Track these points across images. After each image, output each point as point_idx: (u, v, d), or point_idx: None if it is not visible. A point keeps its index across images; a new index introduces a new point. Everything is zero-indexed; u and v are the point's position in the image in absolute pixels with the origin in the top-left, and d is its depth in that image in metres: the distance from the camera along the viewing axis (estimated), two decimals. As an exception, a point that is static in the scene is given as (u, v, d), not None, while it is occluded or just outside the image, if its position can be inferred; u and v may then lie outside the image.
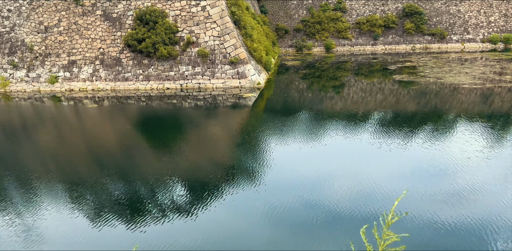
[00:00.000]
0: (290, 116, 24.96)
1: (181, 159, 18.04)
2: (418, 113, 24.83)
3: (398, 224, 11.44)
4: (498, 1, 55.72)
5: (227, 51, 34.27)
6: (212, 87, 34.33)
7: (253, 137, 20.82)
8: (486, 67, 38.80)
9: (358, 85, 35.26)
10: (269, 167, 16.21)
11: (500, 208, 12.06)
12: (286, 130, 21.47)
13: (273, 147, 18.63)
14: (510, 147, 17.43)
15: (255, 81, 33.56)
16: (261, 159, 17.29)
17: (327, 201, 12.97)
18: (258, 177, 15.28)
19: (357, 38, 58.82)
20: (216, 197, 13.73)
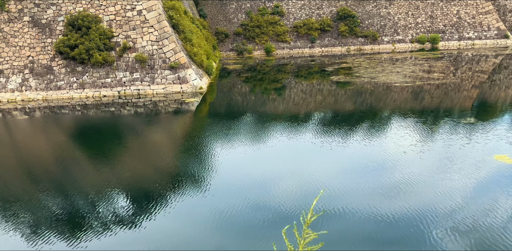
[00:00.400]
0: (234, 120, 24.94)
1: (122, 170, 17.36)
2: (355, 112, 25.83)
3: (342, 220, 11.76)
4: (423, 3, 59.63)
5: (166, 56, 33.62)
6: (152, 93, 33.48)
7: (198, 142, 20.54)
8: (416, 66, 41.29)
9: (298, 87, 36.05)
10: (215, 172, 16.04)
11: (436, 198, 12.78)
12: (230, 134, 21.41)
13: (218, 152, 18.48)
14: (441, 140, 18.61)
15: (197, 86, 33.21)
16: (207, 164, 17.07)
17: (273, 202, 13.04)
18: (204, 183, 15.05)
19: (295, 41, 60.25)
20: (162, 206, 13.33)
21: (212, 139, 21.01)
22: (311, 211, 3.84)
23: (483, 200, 12.49)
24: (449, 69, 39.67)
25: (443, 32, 58.54)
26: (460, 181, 13.88)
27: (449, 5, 59.16)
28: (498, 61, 43.96)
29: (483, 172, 14.58)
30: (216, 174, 15.85)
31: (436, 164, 15.64)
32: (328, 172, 15.39)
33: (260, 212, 12.44)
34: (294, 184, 14.42)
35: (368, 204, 12.55)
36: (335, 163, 16.39)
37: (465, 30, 58.14)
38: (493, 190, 13.19)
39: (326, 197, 13.19)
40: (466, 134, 19.22)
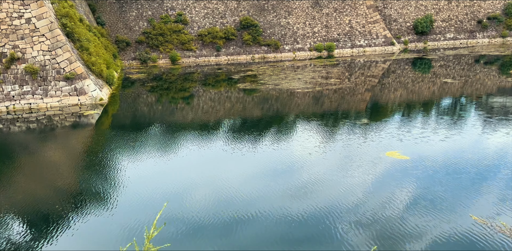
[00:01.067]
0: (140, 131, 23.97)
1: (14, 192, 15.60)
2: (263, 118, 26.51)
3: (255, 223, 11.88)
4: (319, 14, 63.72)
5: (60, 66, 31.23)
6: (46, 106, 30.81)
7: (101, 158, 19.31)
8: (315, 73, 43.79)
9: (206, 95, 35.99)
10: (122, 188, 15.20)
11: (340, 195, 13.54)
12: (137, 146, 20.51)
13: (125, 166, 17.56)
14: (341, 140, 19.86)
15: (96, 97, 31.33)
16: (112, 180, 16.11)
17: (188, 213, 12.73)
18: (110, 200, 14.17)
19: (201, 49, 60.24)
20: (64, 229, 12.22)
21: (117, 153, 19.92)
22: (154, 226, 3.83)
23: (381, 194, 13.54)
24: (345, 75, 42.77)
25: (337, 41, 63.06)
26: (359, 178, 14.91)
27: (342, 15, 64.01)
28: (387, 66, 48.54)
29: (378, 168, 15.85)
30: (124, 189, 15.02)
31: (337, 163, 16.63)
32: (240, 178, 15.49)
33: (175, 224, 12.04)
34: (207, 193, 14.24)
35: (280, 206, 12.86)
36: (247, 169, 16.56)
37: (356, 38, 63.29)
38: (387, 183, 14.38)
39: (239, 202, 13.23)
40: (362, 133, 20.79)
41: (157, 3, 61.13)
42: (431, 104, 28.66)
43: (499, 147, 17.91)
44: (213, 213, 12.65)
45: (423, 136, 19.72)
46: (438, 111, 26.40)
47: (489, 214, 11.78)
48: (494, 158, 16.42)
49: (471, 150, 17.62)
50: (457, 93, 31.94)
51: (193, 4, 61.85)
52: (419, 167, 15.65)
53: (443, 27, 67.76)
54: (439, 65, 46.04)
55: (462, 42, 66.67)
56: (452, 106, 27.83)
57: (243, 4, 62.55)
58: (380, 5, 67.20)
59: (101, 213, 13.11)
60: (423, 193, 13.45)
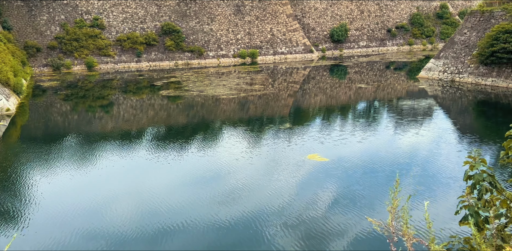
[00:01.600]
0: (54, 143, 22.20)
1: None
2: (188, 125, 26.03)
3: (183, 233, 11.48)
4: (242, 21, 64.57)
5: (-42, 74, 28.02)
6: None
7: (10, 173, 17.52)
8: (239, 79, 44.17)
9: (128, 103, 34.54)
10: (33, 204, 13.89)
11: (267, 199, 13.62)
12: (51, 159, 18.95)
13: (37, 181, 16.11)
14: (266, 145, 20.11)
15: (2, 108, 28.54)
16: (23, 197, 14.68)
17: (108, 229, 11.94)
18: (22, 219, 12.86)
19: (120, 55, 57.88)
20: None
21: (28, 167, 18.22)
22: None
23: (304, 195, 13.87)
24: (268, 81, 43.69)
25: (260, 48, 64.37)
26: (284, 181, 15.15)
27: (263, 23, 65.53)
28: (307, 73, 50.48)
29: (301, 170, 16.27)
30: (35, 207, 13.74)
31: (263, 167, 16.78)
32: (166, 188, 14.95)
33: (94, 241, 11.22)
34: (130, 205, 13.51)
35: (208, 214, 12.58)
36: (172, 178, 16.04)
37: (278, 46, 65.13)
38: (310, 185, 14.79)
39: (165, 212, 12.72)
40: (285, 138, 21.27)
41: (70, 6, 57.68)
42: (348, 108, 30.27)
43: (410, 146, 19.35)
44: (138, 226, 12.02)
45: (342, 138, 20.67)
46: (355, 115, 27.94)
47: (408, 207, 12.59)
48: (406, 157, 17.69)
49: (385, 150, 18.81)
50: (371, 97, 34.11)
51: (110, 8, 59.34)
52: (338, 168, 16.32)
53: (357, 36, 72.27)
54: (354, 72, 48.92)
55: (374, 50, 71.60)
56: (367, 110, 29.63)
57: (164, 10, 61.41)
58: (299, 14, 69.94)
59: (11, 234, 11.84)
60: (344, 192, 14.02)
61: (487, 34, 34.03)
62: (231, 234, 11.45)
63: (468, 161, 4.53)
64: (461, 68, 36.79)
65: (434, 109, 28.32)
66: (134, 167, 17.51)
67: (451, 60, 38.00)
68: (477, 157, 4.52)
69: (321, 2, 71.15)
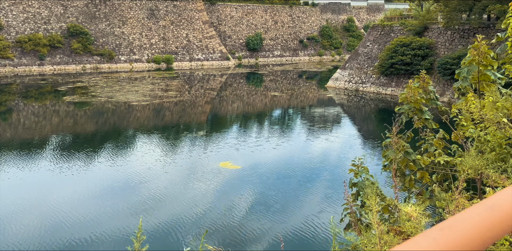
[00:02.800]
0: None
1: None
2: (96, 133, 24.53)
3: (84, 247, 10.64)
4: (156, 26, 62.94)
5: None
6: None
7: None
8: (154, 85, 42.87)
9: (28, 109, 31.62)
10: None
11: (184, 208, 13.22)
12: None
13: None
14: (180, 153, 19.64)
15: None
16: None
17: (7, 243, 10.64)
18: None
19: (20, 57, 52.97)
20: None
21: None
22: None
23: (221, 202, 13.73)
24: (184, 87, 43.03)
25: (176, 53, 63.31)
26: (198, 190, 14.88)
27: (179, 28, 64.62)
28: (224, 80, 50.71)
29: (214, 178, 16.12)
30: None
31: (177, 176, 16.33)
32: (72, 200, 13.80)
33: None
34: (30, 221, 12.21)
35: (118, 227, 11.84)
36: (79, 189, 14.86)
37: (194, 52, 64.64)
38: (223, 193, 14.71)
39: (70, 228, 11.70)
40: (201, 145, 21.01)
41: (-41, 1, 51.54)
42: (263, 115, 30.92)
43: (321, 151, 20.25)
44: (38, 241, 10.91)
45: (256, 145, 20.96)
46: (269, 122, 28.60)
47: (317, 211, 13.05)
48: (317, 161, 18.45)
49: (297, 155, 19.45)
50: (284, 104, 35.26)
51: (9, 7, 54.17)
52: (249, 175, 16.46)
53: (271, 45, 74.57)
54: (269, 80, 50.28)
55: (288, 59, 74.44)
56: (280, 117, 30.53)
57: (71, 10, 57.65)
58: (215, 22, 70.24)
59: None
60: (257, 198, 14.15)
61: (387, 47, 37.19)
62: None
63: (352, 169, 4.76)
64: (364, 78, 39.67)
65: (341, 116, 30.09)
66: (34, 179, 15.97)
67: (355, 71, 40.81)
68: (360, 165, 4.75)
69: (236, 11, 72.30)
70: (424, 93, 5.09)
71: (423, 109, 5.15)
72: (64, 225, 12.05)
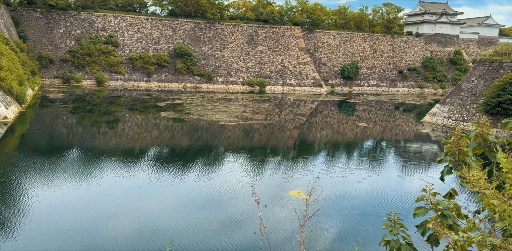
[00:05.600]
0: (52, 155, 21.51)
1: None
2: (185, 148, 25.38)
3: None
4: (254, 50, 65.21)
5: (-37, 78, 27.85)
6: None
7: (3, 183, 16.75)
8: (244, 107, 43.84)
9: (132, 121, 34.13)
10: (26, 216, 13.16)
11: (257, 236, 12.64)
12: (47, 171, 18.22)
13: (31, 193, 15.39)
14: (261, 174, 19.25)
15: (0, 115, 28.08)
16: (15, 209, 13.92)
17: (103, 243, 11.03)
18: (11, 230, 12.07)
19: (130, 73, 58.23)
20: None
21: (23, 178, 17.45)
22: None
23: (282, 232, 12.88)
24: (274, 111, 43.30)
25: (269, 77, 64.62)
26: (275, 217, 14.23)
27: (275, 54, 66.13)
28: (314, 106, 50.14)
29: (284, 207, 15.29)
30: (27, 218, 13.04)
31: (245, 198, 15.86)
32: (158, 207, 14.07)
33: None
34: (125, 224, 12.62)
35: (199, 238, 11.64)
36: (165, 199, 15.17)
37: (288, 77, 65.38)
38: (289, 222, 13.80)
39: (162, 232, 11.78)
40: (280, 170, 20.42)
41: (88, 22, 58.72)
42: (353, 146, 29.51)
43: (411, 191, 18.39)
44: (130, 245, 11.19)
45: (340, 176, 19.78)
46: (359, 153, 27.13)
47: None
48: (406, 201, 16.70)
49: (383, 192, 17.86)
50: (377, 137, 33.39)
51: (126, 27, 60.33)
52: (316, 208, 15.35)
53: (368, 74, 72.55)
54: (362, 109, 48.51)
55: (384, 89, 71.63)
56: (371, 149, 28.83)
57: (179, 33, 62.29)
58: (311, 48, 70.63)
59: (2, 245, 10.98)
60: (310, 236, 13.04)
61: (494, 83, 33.60)
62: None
63: (387, 224, 4.03)
64: (466, 116, 36.17)
65: (437, 155, 27.47)
66: (132, 186, 16.82)
67: (456, 107, 37.47)
68: (396, 220, 4.03)
69: (334, 38, 72.03)
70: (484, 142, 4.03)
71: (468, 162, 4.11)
72: (156, 229, 12.23)
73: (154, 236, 12.32)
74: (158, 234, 12.45)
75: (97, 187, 16.47)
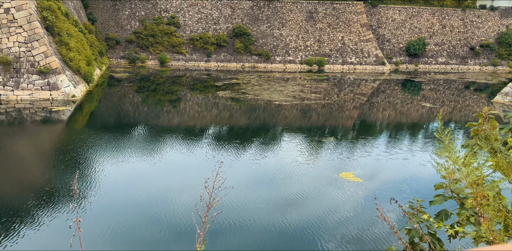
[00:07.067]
0: (118, 131, 22.71)
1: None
2: (247, 127, 25.50)
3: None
4: (313, 28, 63.48)
5: (35, 59, 29.88)
6: (16, 99, 29.36)
7: (73, 156, 17.97)
8: (300, 86, 43.05)
9: (193, 100, 34.96)
10: (96, 189, 14.03)
11: (319, 217, 12.44)
12: (114, 147, 19.28)
13: (99, 166, 16.40)
14: (317, 155, 18.87)
15: (69, 93, 29.92)
16: (84, 180, 14.93)
17: (167, 218, 11.52)
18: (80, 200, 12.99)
19: (191, 53, 59.33)
20: (28, 226, 10.91)
21: (90, 152, 18.62)
22: None
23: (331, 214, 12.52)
24: (333, 90, 42.14)
25: (329, 56, 62.78)
26: (320, 198, 13.90)
27: (335, 31, 63.88)
28: (376, 85, 48.12)
29: (325, 187, 14.85)
30: (96, 191, 13.91)
31: (299, 179, 15.62)
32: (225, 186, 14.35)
33: (156, 226, 10.92)
34: (186, 199, 13.07)
35: (267, 217, 11.73)
36: (231, 176, 15.40)
37: (348, 55, 63.13)
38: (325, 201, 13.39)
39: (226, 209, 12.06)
40: (335, 150, 19.86)
41: (151, 4, 60.22)
42: (417, 127, 28.01)
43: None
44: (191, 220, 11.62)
45: (400, 158, 18.85)
46: (424, 135, 25.71)
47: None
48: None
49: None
50: (444, 118, 31.36)
51: (187, 8, 61.10)
52: (367, 191, 14.69)
53: (436, 51, 68.08)
54: (428, 89, 45.79)
55: (454, 67, 66.99)
56: (436, 131, 27.17)
57: (238, 12, 62.03)
58: (374, 24, 67.33)
59: (68, 213, 11.86)
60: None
61: None
62: (287, 237, 10.57)
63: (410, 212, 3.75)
64: (551, 94, 32.74)
65: None
66: (194, 163, 17.40)
67: (538, 86, 34.00)
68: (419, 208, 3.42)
69: (399, 13, 67.98)
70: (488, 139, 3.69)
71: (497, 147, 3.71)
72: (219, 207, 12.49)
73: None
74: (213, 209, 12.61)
75: (158, 163, 17.12)
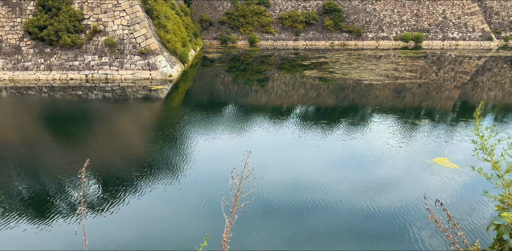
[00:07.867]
0: (211, 109, 24.00)
1: (94, 157, 16.16)
2: (335, 108, 25.10)
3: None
4: (410, 1, 59.17)
5: (137, 41, 32.24)
6: (120, 78, 32.15)
7: (171, 131, 19.44)
8: (393, 64, 40.73)
9: (281, 79, 35.20)
10: (192, 162, 15.18)
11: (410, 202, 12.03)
12: (208, 123, 20.42)
13: (194, 141, 17.57)
14: (410, 137, 17.93)
15: (166, 73, 31.96)
16: (181, 153, 16.19)
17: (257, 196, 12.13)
18: (179, 172, 14.14)
19: (280, 33, 59.20)
20: (137, 194, 12.29)
21: (186, 128, 19.96)
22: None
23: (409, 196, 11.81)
24: (431, 68, 39.26)
25: (427, 31, 58.24)
26: (405, 179, 13.21)
27: (435, 4, 58.82)
28: (481, 63, 43.78)
29: (419, 172, 13.93)
30: (192, 164, 15.01)
31: (387, 162, 14.95)
32: (311, 166, 14.57)
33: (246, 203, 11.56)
34: (277, 176, 13.52)
35: (349, 198, 11.74)
36: (316, 158, 15.56)
37: (449, 30, 57.97)
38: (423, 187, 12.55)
39: (310, 189, 12.33)
40: (432, 133, 18.63)
41: (242, -16, 60.84)
42: (528, 108, 25.08)
43: None
44: (285, 196, 12.05)
45: None
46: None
47: None
48: None
49: None
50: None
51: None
52: (466, 177, 13.45)
53: (557, 23, 59.64)
54: (545, 65, 40.46)
55: None
56: (554, 113, 24.07)
57: (329, -12, 59.98)
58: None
59: (171, 184, 13.03)
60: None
61: None
62: (372, 221, 10.49)
63: (500, 206, 3.26)
64: None
65: None
66: (283, 142, 17.71)
67: None
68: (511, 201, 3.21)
69: (514, -19, 60.20)
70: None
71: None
72: (305, 186, 12.74)
73: (296, 190, 12.72)
74: (300, 189, 12.79)
75: (247, 141, 17.70)
